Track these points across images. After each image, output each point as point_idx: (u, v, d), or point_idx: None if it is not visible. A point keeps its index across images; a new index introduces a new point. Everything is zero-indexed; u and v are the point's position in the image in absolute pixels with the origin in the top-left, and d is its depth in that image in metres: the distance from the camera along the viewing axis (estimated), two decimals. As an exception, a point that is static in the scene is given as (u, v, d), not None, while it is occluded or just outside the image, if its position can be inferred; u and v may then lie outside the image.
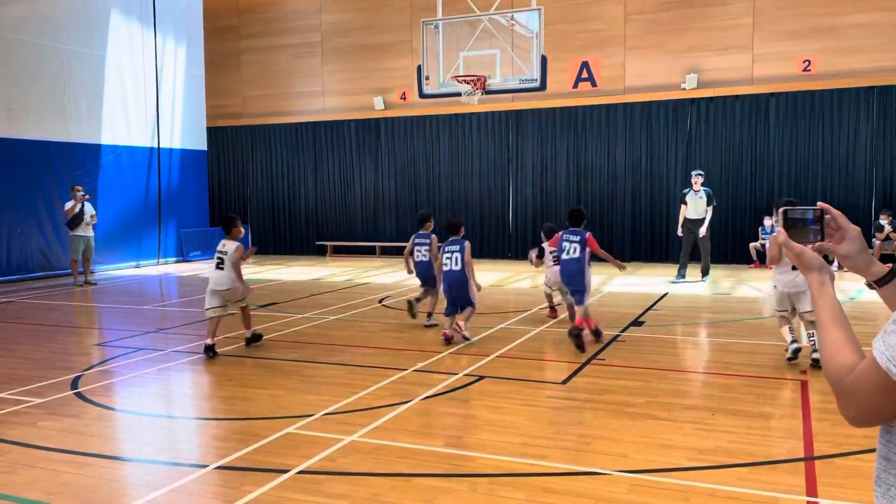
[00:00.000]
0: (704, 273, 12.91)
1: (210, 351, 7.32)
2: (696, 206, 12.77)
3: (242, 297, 7.62)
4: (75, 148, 15.27)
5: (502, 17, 12.87)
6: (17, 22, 14.19)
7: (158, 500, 3.93)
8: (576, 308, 7.66)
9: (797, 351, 6.49)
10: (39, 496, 3.97)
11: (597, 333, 7.75)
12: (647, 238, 16.25)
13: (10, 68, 14.02)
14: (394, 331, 8.73)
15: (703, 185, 12.88)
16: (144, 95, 17.02)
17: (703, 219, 12.68)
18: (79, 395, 6.02)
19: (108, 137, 16.05)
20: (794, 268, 6.42)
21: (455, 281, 7.80)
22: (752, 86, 15.23)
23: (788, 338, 6.61)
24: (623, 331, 8.38)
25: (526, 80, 12.33)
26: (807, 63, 14.78)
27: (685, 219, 12.89)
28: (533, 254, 9.19)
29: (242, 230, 7.91)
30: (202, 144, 19.01)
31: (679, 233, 13.13)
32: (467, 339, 7.70)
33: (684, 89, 15.65)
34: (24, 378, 6.57)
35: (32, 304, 11.31)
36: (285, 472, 4.24)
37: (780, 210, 1.62)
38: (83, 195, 13.25)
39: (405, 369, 6.68)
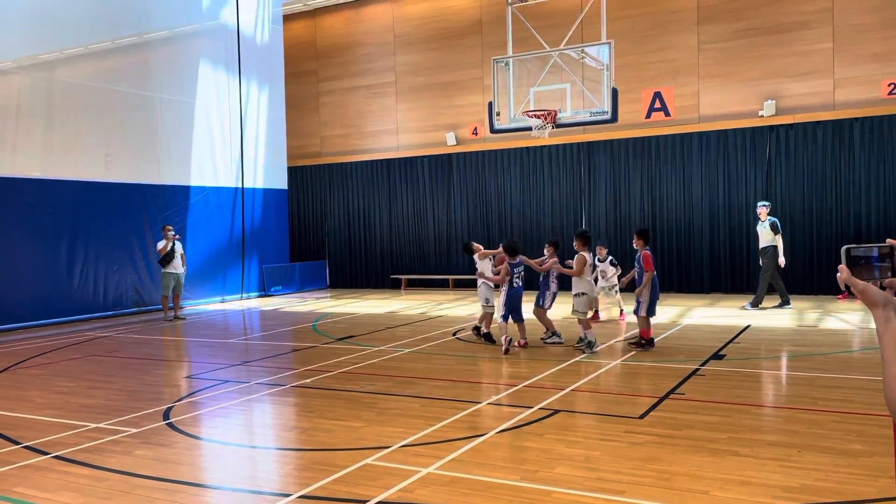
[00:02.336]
0: (756, 303, 13.08)
1: (479, 333, 10.04)
2: (763, 235, 13.10)
3: (485, 301, 9.98)
4: (166, 190, 16.18)
5: (573, 51, 12.98)
6: (114, 73, 15.25)
7: (245, 527, 4.11)
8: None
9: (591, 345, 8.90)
10: (136, 520, 4.21)
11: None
12: (727, 269, 15.82)
13: (108, 116, 15.04)
14: (468, 363, 8.79)
15: (769, 214, 13.12)
16: (230, 138, 17.91)
17: (772, 247, 12.89)
18: (170, 425, 6.33)
19: (196, 179, 16.93)
20: (596, 280, 9.41)
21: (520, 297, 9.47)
22: (833, 111, 14.77)
23: (592, 337, 8.90)
24: (703, 364, 8.18)
25: (597, 112, 12.36)
26: (892, 86, 14.23)
27: (761, 248, 13.24)
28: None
29: (480, 247, 10.45)
30: (283, 184, 19.78)
31: (761, 264, 13.38)
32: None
33: (762, 116, 15.31)
34: (121, 409, 6.96)
35: (127, 338, 11.95)
36: (364, 502, 4.35)
37: (844, 248, 1.65)
38: (174, 235, 13.98)
39: (479, 402, 6.73)
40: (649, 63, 16.38)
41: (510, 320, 9.44)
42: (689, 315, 12.54)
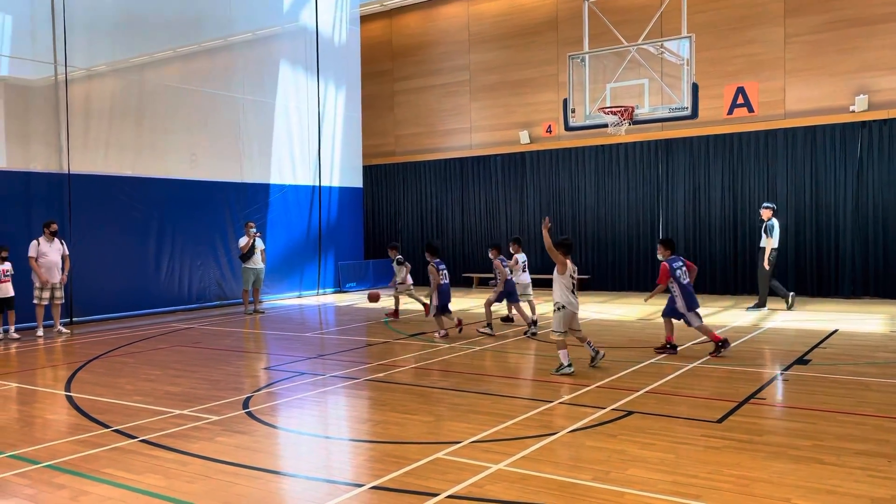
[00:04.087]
0: (759, 305, 13.05)
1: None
2: (764, 236, 13.08)
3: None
4: (248, 188, 16.72)
5: (651, 46, 12.70)
6: (199, 75, 15.87)
7: (319, 515, 4.20)
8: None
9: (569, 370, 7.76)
10: (216, 504, 4.37)
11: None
12: (813, 271, 15.15)
13: (193, 117, 15.66)
14: (540, 362, 8.73)
15: (773, 215, 13.03)
16: (308, 138, 18.37)
17: (763, 249, 12.90)
18: (249, 413, 6.55)
19: (275, 177, 17.44)
20: (573, 291, 7.87)
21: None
22: (933, 105, 13.93)
23: (567, 360, 7.76)
24: (786, 369, 7.87)
25: (676, 108, 12.06)
26: None
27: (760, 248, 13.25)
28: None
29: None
30: (358, 182, 20.12)
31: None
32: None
33: (853, 112, 14.59)
34: (203, 397, 7.24)
35: (210, 330, 12.41)
36: (435, 495, 4.39)
37: None
38: (255, 232, 14.47)
39: (551, 401, 6.68)
40: (732, 57, 15.86)
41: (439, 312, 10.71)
42: (771, 318, 12.08)
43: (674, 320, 8.99)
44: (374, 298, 12.06)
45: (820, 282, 15.11)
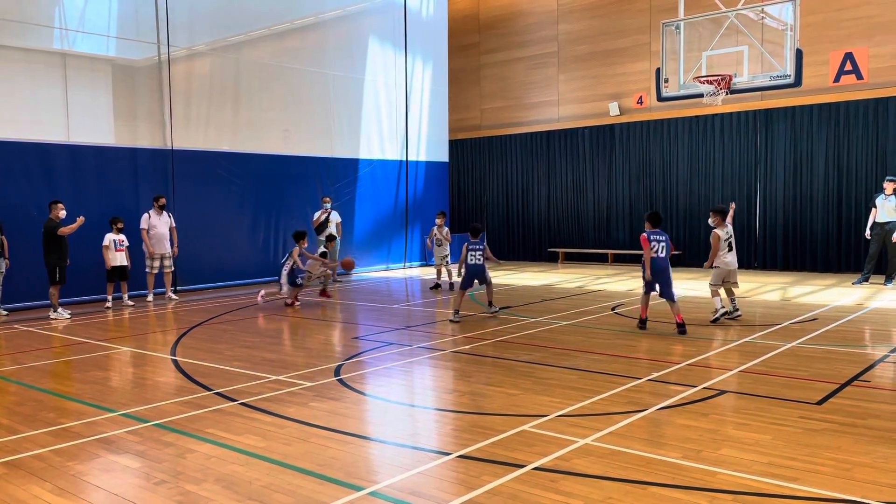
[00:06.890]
0: (888, 278, 12.75)
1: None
2: (885, 209, 12.58)
3: None
4: (338, 162, 17.09)
5: (751, 11, 12.11)
6: (292, 53, 16.25)
7: (408, 481, 4.31)
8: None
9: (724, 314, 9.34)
10: (311, 467, 4.56)
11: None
12: (927, 249, 14.18)
13: (286, 94, 16.08)
14: (627, 339, 8.60)
15: (895, 190, 12.63)
16: (395, 113, 18.55)
17: (894, 222, 12.47)
18: (341, 381, 6.77)
19: (364, 152, 17.73)
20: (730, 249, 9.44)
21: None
22: None
23: (719, 304, 9.39)
24: (893, 351, 7.45)
25: (777, 76, 11.48)
26: None
27: (874, 222, 12.83)
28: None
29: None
30: (444, 156, 20.20)
31: (867, 235, 12.99)
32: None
33: (978, 76, 13.47)
34: (298, 364, 7.53)
35: (302, 300, 12.79)
36: (521, 466, 4.42)
37: None
38: (329, 207, 15.07)
39: (639, 378, 6.58)
40: (840, 21, 14.89)
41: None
42: (877, 298, 11.43)
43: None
44: (348, 266, 13.25)
45: (934, 260, 14.14)
